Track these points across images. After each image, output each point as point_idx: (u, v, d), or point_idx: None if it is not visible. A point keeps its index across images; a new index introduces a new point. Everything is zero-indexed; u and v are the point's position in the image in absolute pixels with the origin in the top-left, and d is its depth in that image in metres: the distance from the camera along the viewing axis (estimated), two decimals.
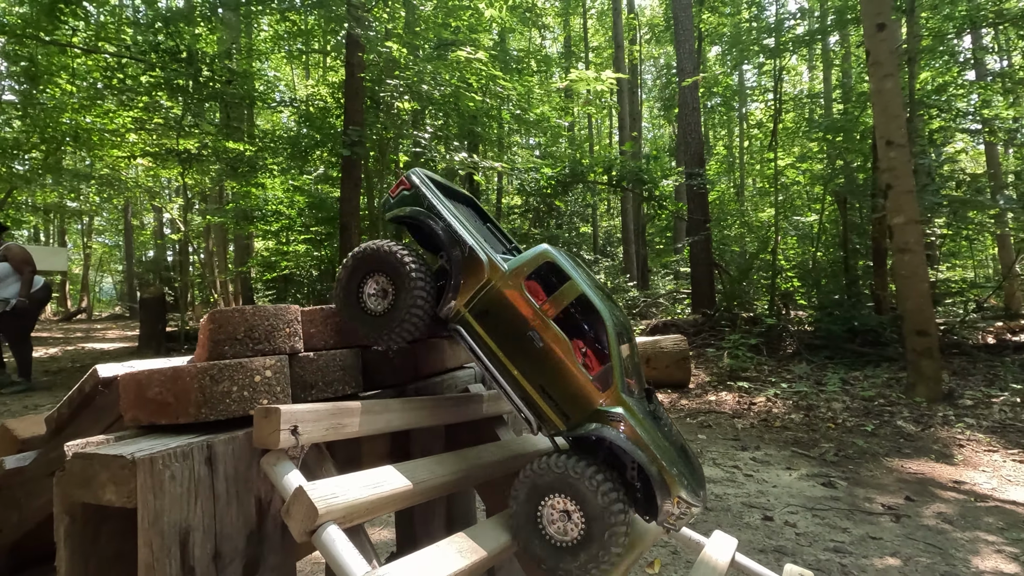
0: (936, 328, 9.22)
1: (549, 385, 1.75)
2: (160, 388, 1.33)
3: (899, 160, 8.94)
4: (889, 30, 9.13)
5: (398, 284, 1.80)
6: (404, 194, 1.96)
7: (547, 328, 1.77)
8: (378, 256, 1.82)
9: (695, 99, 16.22)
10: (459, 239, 1.85)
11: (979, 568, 4.02)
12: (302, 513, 1.19)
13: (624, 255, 23.55)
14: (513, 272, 1.81)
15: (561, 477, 1.63)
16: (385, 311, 1.82)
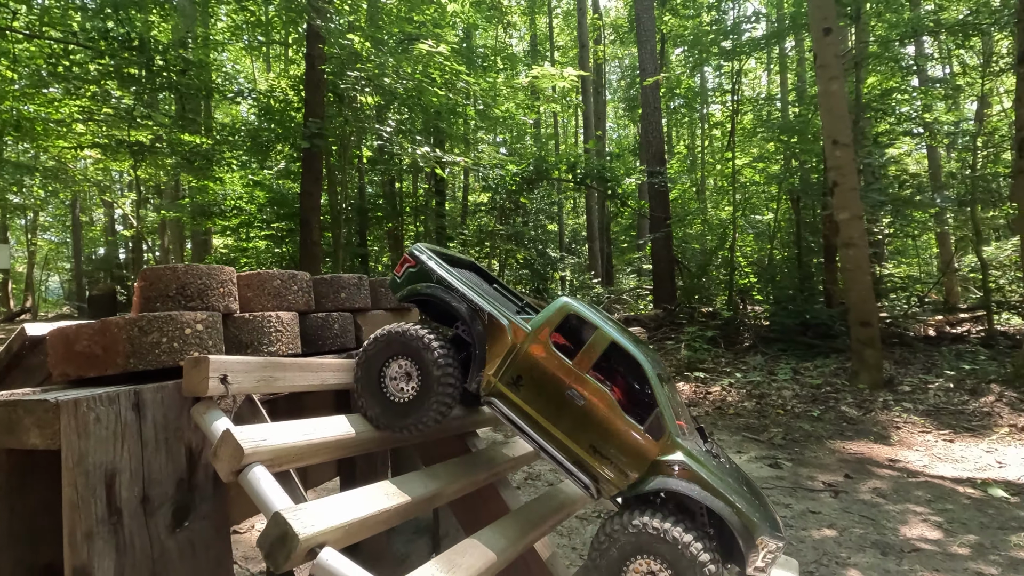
0: (878, 319, 9.70)
1: (600, 443, 1.69)
2: (88, 341, 1.33)
3: (844, 159, 9.37)
4: (835, 34, 9.55)
5: (424, 369, 1.73)
6: (411, 271, 1.93)
7: (585, 383, 1.72)
8: (402, 340, 1.74)
9: (656, 99, 16.58)
10: (477, 308, 1.81)
11: (907, 536, 4.28)
12: (229, 454, 1.22)
13: (589, 253, 23.86)
14: (537, 331, 1.77)
15: (642, 538, 1.55)
16: (411, 398, 1.75)
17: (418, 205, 20.33)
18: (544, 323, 1.79)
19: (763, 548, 1.61)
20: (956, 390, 8.47)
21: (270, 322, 1.70)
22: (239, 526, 4.87)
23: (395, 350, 1.76)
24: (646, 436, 1.68)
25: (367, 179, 19.29)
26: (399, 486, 1.50)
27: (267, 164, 16.88)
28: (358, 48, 10.17)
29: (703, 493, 1.61)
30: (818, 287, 14.84)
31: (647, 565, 1.58)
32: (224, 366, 1.34)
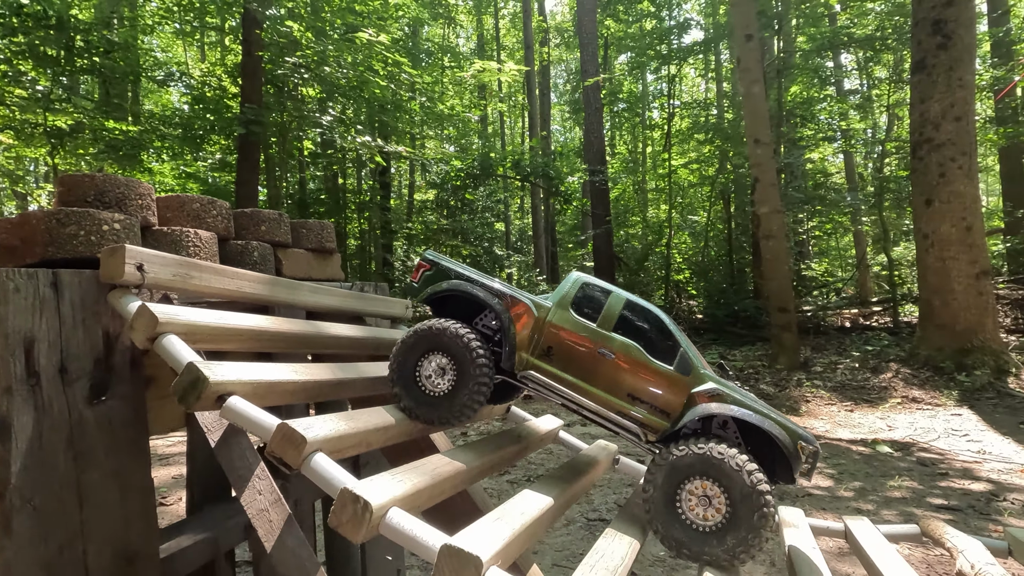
0: (795, 305, 10.45)
1: (637, 390, 1.80)
2: (6, 233, 1.39)
3: (764, 156, 10.07)
4: (756, 40, 10.26)
5: (460, 365, 1.80)
6: (428, 274, 2.03)
7: (612, 340, 1.84)
8: (439, 336, 1.81)
9: (598, 100, 17.14)
10: (499, 293, 1.91)
11: (804, 485, 4.73)
12: (143, 324, 1.32)
13: (535, 251, 24.25)
14: (559, 303, 1.91)
15: (702, 459, 1.60)
16: (445, 392, 1.82)
17: (362, 201, 20.11)
18: (564, 294, 1.94)
19: (804, 452, 1.70)
20: (860, 369, 9.25)
21: (188, 237, 1.78)
22: (165, 499, 4.79)
23: (431, 345, 1.83)
24: (676, 374, 1.79)
25: (309, 174, 18.92)
26: (309, 369, 1.63)
27: (201, 155, 16.27)
28: (297, 36, 10.05)
29: (744, 411, 1.70)
30: (748, 282, 15.76)
31: (702, 488, 1.63)
32: (140, 256, 1.44)
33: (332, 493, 1.14)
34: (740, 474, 1.58)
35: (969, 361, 8.09)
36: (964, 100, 8.68)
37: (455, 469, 1.49)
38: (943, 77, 8.68)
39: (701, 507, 1.63)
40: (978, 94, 17.06)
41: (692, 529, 1.63)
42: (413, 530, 1.12)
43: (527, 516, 1.39)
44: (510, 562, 1.23)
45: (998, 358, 8.11)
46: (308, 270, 2.32)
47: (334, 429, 1.29)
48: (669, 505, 1.65)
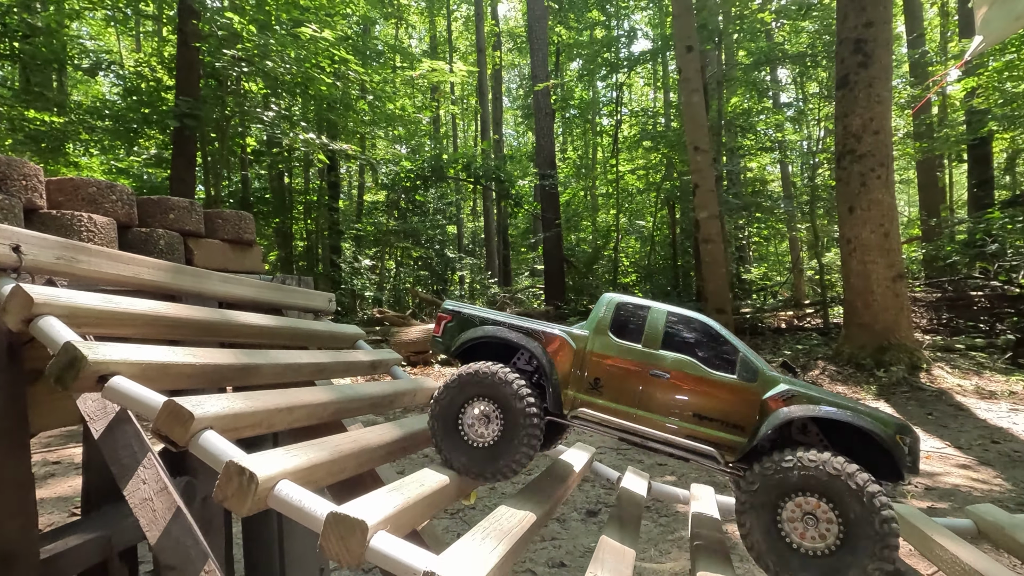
0: (731, 306, 10.87)
1: (703, 409, 1.64)
2: None
3: (704, 163, 10.46)
4: (695, 52, 10.65)
5: (508, 413, 1.66)
6: (450, 326, 1.91)
7: (663, 358, 1.69)
8: (486, 382, 1.68)
9: (548, 105, 17.38)
10: (530, 331, 1.80)
11: None
12: (18, 305, 1.25)
13: (486, 253, 24.28)
14: (596, 330, 1.78)
15: (792, 477, 1.40)
16: (492, 442, 1.68)
17: (310, 201, 19.59)
18: (599, 320, 1.81)
19: (904, 443, 1.54)
20: (797, 366, 9.72)
21: (81, 222, 1.69)
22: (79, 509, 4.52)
23: (476, 392, 1.71)
24: (742, 383, 1.62)
25: (253, 172, 18.30)
26: (210, 353, 1.57)
27: (135, 151, 15.47)
28: (239, 28, 9.72)
29: (832, 409, 1.52)
30: (691, 285, 16.31)
31: (804, 505, 1.43)
32: (17, 236, 1.36)
33: (218, 468, 1.11)
34: (839, 479, 1.40)
35: (886, 358, 8.65)
36: (882, 115, 9.28)
37: (358, 447, 1.48)
38: (863, 93, 9.26)
39: (807, 527, 1.43)
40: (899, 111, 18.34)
41: (799, 553, 1.42)
42: (301, 501, 1.11)
43: (426, 487, 1.39)
44: (406, 530, 1.22)
45: (912, 355, 8.71)
46: (224, 262, 2.25)
47: (228, 407, 1.26)
48: (771, 527, 1.45)
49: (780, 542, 1.44)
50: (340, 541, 1.05)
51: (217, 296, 1.94)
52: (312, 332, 2.19)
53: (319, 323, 2.39)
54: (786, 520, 1.46)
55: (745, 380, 1.65)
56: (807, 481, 1.42)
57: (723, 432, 1.64)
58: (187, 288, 1.81)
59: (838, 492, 1.40)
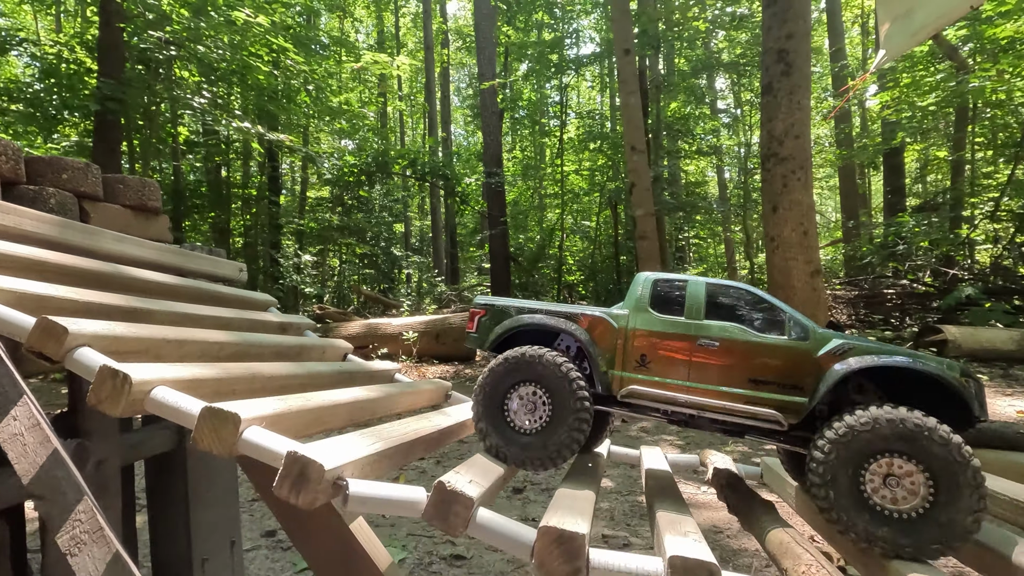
0: None
1: (758, 372, 1.60)
2: None
3: (640, 163, 10.82)
4: (632, 55, 11.03)
5: (557, 397, 1.63)
6: (484, 320, 1.87)
7: (709, 327, 1.67)
8: (534, 365, 1.64)
9: (494, 103, 17.49)
10: (569, 315, 1.78)
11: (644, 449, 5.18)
12: None
13: (434, 251, 24.18)
14: (637, 307, 1.76)
15: (875, 435, 1.35)
16: (540, 428, 1.64)
17: (249, 195, 18.95)
18: (638, 298, 1.80)
19: (970, 385, 1.50)
20: None
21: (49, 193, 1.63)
22: None
23: (524, 376, 1.66)
24: (793, 342, 1.59)
25: (186, 163, 17.52)
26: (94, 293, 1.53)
27: (54, 138, 14.52)
28: (167, 10, 9.33)
29: (897, 359, 1.48)
30: None
31: (889, 466, 1.38)
32: None
33: (91, 377, 1.12)
34: (923, 434, 1.35)
35: None
36: (802, 121, 9.89)
37: (250, 373, 1.50)
38: (785, 100, 9.85)
39: (890, 489, 1.38)
40: (822, 120, 19.55)
41: (888, 517, 1.38)
42: (177, 402, 1.14)
43: (312, 402, 1.43)
44: (289, 434, 1.24)
45: None
46: (125, 228, 2.20)
47: (108, 329, 1.26)
48: (854, 492, 1.40)
49: (869, 509, 1.39)
50: (213, 432, 1.10)
51: (111, 255, 1.89)
52: (218, 295, 2.18)
53: (227, 288, 2.38)
54: (870, 484, 1.40)
55: (797, 339, 1.62)
56: (889, 441, 1.37)
57: (782, 395, 1.59)
58: (76, 243, 1.77)
59: (924, 448, 1.35)
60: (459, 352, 10.51)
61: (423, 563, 3.09)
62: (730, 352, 1.65)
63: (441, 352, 10.43)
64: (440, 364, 10.22)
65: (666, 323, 1.74)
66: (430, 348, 10.34)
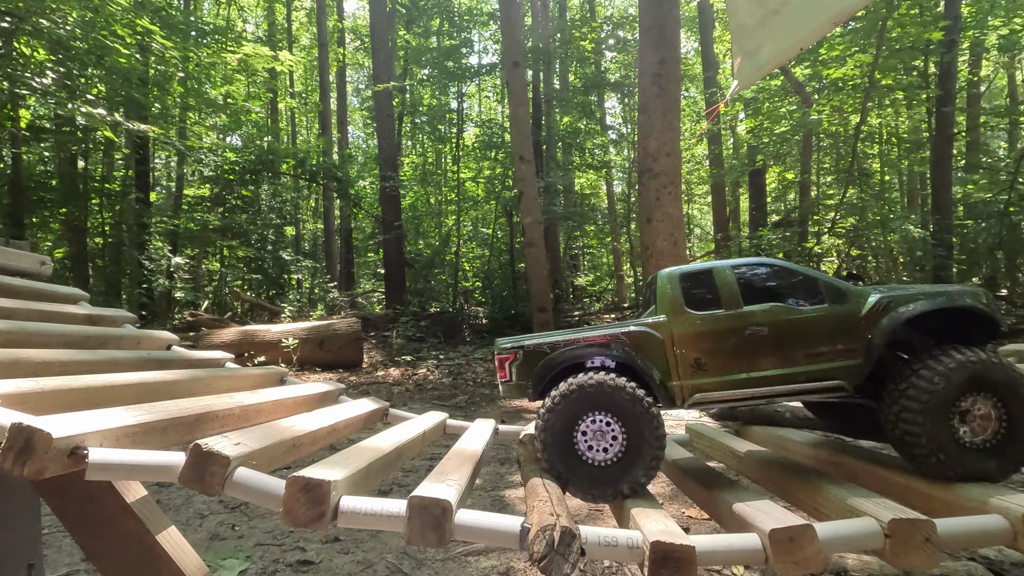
0: (552, 305, 11.72)
1: (809, 346, 1.61)
2: None
3: (527, 172, 11.18)
4: (521, 67, 11.39)
5: (631, 426, 1.58)
6: (515, 365, 1.78)
7: (751, 314, 1.66)
8: (605, 394, 1.57)
9: (389, 106, 17.26)
10: (610, 337, 1.72)
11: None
12: None
13: (327, 256, 23.27)
14: (672, 310, 1.73)
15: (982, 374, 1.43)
16: (615, 459, 1.59)
17: (111, 191, 17.07)
18: (669, 301, 1.76)
19: (993, 303, 1.64)
20: None
21: None
22: None
23: (589, 406, 1.59)
24: (834, 308, 1.62)
25: (33, 152, 15.48)
26: None
27: None
28: None
29: (933, 301, 1.56)
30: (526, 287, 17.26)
31: (975, 404, 1.47)
32: None
33: None
34: (1005, 371, 1.47)
35: None
36: (673, 140, 10.74)
37: (16, 357, 1.39)
38: (659, 119, 10.65)
39: (970, 425, 1.50)
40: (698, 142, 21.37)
41: (976, 450, 1.50)
42: None
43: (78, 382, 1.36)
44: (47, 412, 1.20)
45: None
46: None
47: None
48: (949, 433, 1.49)
49: (961, 447, 1.50)
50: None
51: None
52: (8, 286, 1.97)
53: (19, 280, 2.15)
54: (959, 423, 1.51)
55: (838, 304, 1.66)
56: (975, 381, 1.49)
57: (839, 361, 1.64)
58: None
59: (1004, 384, 1.49)
60: (344, 359, 10.21)
61: (267, 572, 2.98)
62: (779, 334, 1.66)
63: (325, 359, 10.06)
64: (324, 372, 9.86)
65: (707, 320, 1.72)
66: (313, 355, 9.94)
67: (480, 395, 8.30)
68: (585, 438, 1.63)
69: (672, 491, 4.23)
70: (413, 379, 9.46)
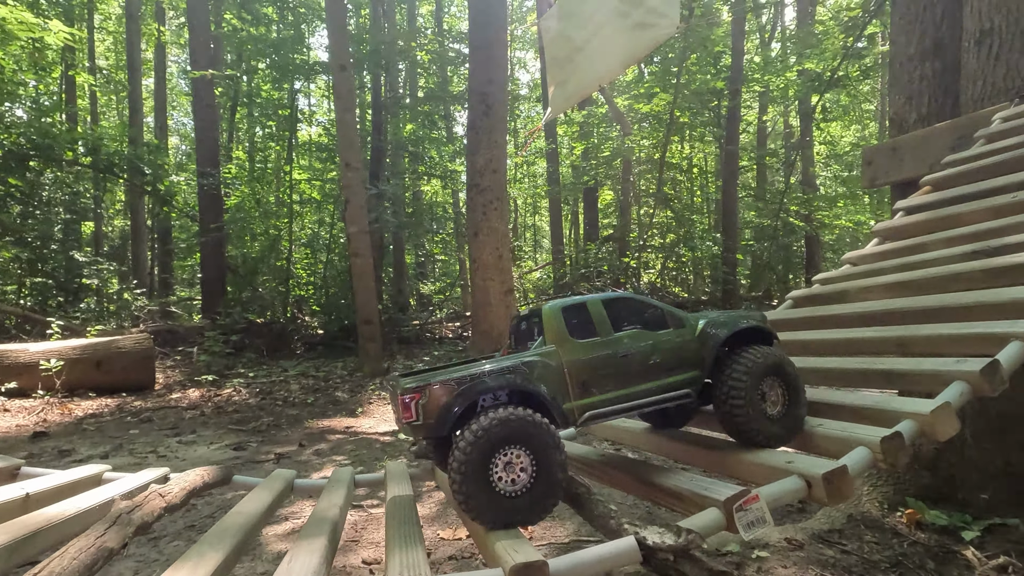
0: (379, 317, 11.47)
1: (667, 363, 1.99)
2: None
3: (354, 180, 10.82)
4: (349, 72, 11.03)
5: (541, 455, 1.70)
6: (421, 406, 1.76)
7: (620, 340, 1.95)
8: (515, 426, 1.68)
9: (210, 95, 15.65)
10: (513, 368, 1.82)
11: (315, 475, 5.06)
12: None
13: (134, 259, 20.40)
14: (559, 340, 1.92)
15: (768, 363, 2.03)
16: (524, 489, 1.70)
17: None
18: (555, 333, 1.94)
19: (767, 323, 2.25)
20: None
21: None
22: None
23: (510, 440, 1.68)
24: (678, 331, 2.04)
25: None
26: None
27: None
28: None
29: (742, 324, 2.12)
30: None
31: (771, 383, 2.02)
32: None
33: None
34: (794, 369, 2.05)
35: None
36: (499, 157, 11.14)
37: None
38: (486, 137, 10.97)
39: (770, 400, 2.00)
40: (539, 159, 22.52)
41: (766, 416, 1.98)
42: None
43: None
44: None
45: None
46: None
47: None
48: (757, 401, 1.96)
49: (767, 416, 1.99)
50: None
51: None
52: None
53: None
54: (767, 395, 2.01)
55: (680, 328, 2.08)
56: (768, 369, 2.00)
57: (686, 373, 2.03)
58: None
59: (786, 372, 2.04)
60: (130, 381, 8.96)
61: None
62: (643, 355, 2.00)
63: (105, 382, 8.73)
64: (100, 397, 8.54)
65: (588, 347, 1.96)
66: (88, 378, 8.56)
67: (287, 417, 7.80)
68: (500, 470, 1.72)
69: (437, 511, 4.31)
70: (214, 401, 8.60)
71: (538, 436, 1.73)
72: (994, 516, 3.33)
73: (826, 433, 1.86)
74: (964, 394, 1.70)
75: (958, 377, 1.76)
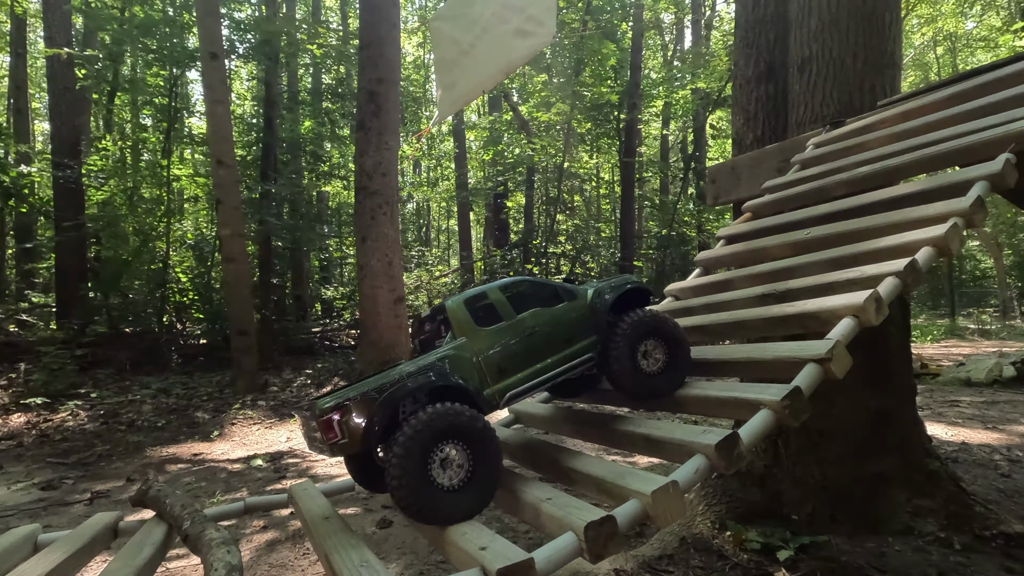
0: (255, 328, 10.61)
1: (567, 334, 2.15)
2: None
3: (227, 179, 9.95)
4: (220, 60, 10.15)
5: (478, 450, 1.79)
6: (345, 424, 1.76)
7: (523, 320, 2.09)
8: (445, 422, 1.74)
9: (69, 78, 13.97)
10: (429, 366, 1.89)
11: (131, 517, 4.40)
12: None
13: None
14: (468, 331, 2.02)
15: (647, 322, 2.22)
16: (462, 483, 1.77)
17: None
18: (463, 325, 2.03)
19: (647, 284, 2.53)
20: (312, 385, 10.07)
21: None
22: None
23: (447, 435, 1.75)
24: (571, 304, 2.19)
25: None
26: None
27: None
28: None
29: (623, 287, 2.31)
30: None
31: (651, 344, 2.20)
32: None
33: None
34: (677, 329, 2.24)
35: None
36: (390, 160, 10.67)
37: None
38: (376, 139, 10.48)
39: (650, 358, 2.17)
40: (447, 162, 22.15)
41: (646, 373, 2.15)
42: None
43: None
44: None
45: None
46: None
47: None
48: (635, 358, 2.14)
49: (643, 372, 2.15)
50: None
51: None
52: None
53: None
54: (651, 353, 2.17)
55: (573, 300, 2.20)
56: (651, 328, 2.18)
57: (586, 340, 2.16)
58: None
59: (670, 333, 2.20)
60: None
61: None
62: (545, 331, 2.10)
63: None
64: None
65: (495, 333, 2.04)
66: None
67: (127, 444, 6.91)
68: (438, 467, 1.75)
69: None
70: (40, 428, 7.49)
71: (469, 427, 1.77)
72: (812, 533, 3.38)
73: (550, 512, 1.65)
74: (700, 471, 1.59)
75: (699, 450, 1.66)
